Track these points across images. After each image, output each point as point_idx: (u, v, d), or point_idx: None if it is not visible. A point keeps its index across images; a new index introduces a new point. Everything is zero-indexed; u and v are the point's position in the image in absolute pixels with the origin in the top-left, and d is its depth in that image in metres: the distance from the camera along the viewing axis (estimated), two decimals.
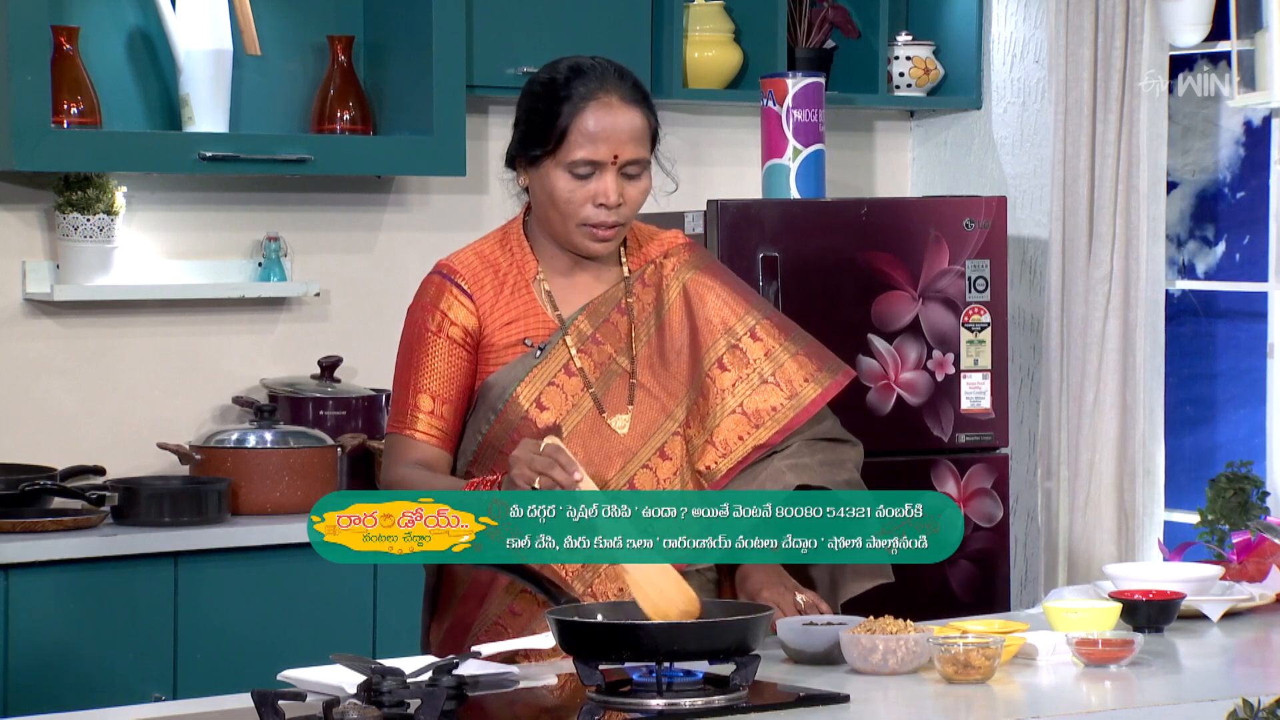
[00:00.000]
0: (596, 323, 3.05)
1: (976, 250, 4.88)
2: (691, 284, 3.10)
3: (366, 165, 4.70)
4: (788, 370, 3.07)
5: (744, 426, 3.05)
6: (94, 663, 4.11)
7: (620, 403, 3.03)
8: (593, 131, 2.96)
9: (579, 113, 2.96)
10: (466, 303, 3.03)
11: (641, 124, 3.00)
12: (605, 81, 2.98)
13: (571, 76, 2.99)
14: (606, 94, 2.97)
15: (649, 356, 3.05)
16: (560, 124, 2.97)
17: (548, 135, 2.98)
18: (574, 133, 2.96)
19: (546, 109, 2.98)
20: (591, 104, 2.96)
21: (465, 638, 3.06)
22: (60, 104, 4.35)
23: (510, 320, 3.03)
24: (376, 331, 4.90)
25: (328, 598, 4.34)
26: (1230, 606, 3.25)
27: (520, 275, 3.06)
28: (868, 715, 2.63)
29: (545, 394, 3.01)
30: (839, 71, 5.31)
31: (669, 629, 2.66)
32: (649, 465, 3.03)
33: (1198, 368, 5.13)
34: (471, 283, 3.04)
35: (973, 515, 4.89)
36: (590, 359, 3.03)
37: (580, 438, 3.01)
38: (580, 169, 2.98)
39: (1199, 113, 5.09)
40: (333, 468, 4.50)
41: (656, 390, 3.05)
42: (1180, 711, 2.69)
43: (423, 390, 3.01)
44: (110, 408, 4.59)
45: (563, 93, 2.98)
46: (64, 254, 4.47)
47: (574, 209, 2.99)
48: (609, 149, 2.97)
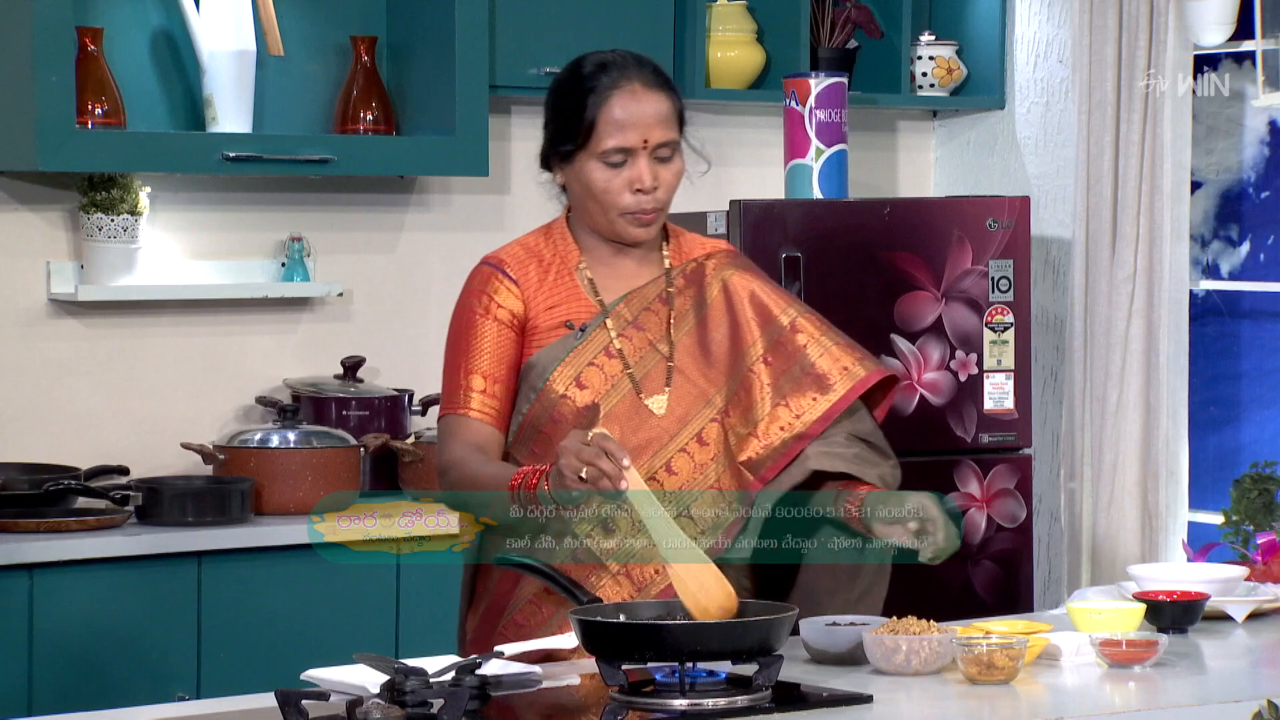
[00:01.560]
0: (637, 310, 3.09)
1: (1000, 250, 4.87)
2: (731, 282, 3.14)
3: (389, 165, 4.71)
4: (825, 361, 3.09)
5: (786, 417, 3.06)
6: (118, 662, 4.12)
7: (658, 385, 3.06)
8: (620, 119, 3.01)
9: (604, 103, 3.01)
10: (512, 288, 3.08)
11: (667, 106, 3.05)
12: (626, 70, 3.03)
13: (593, 70, 3.04)
14: (629, 81, 3.02)
15: (689, 345, 3.09)
16: (588, 116, 3.02)
17: (577, 129, 3.03)
18: (602, 123, 3.01)
19: (573, 104, 3.04)
20: (615, 93, 3.02)
21: (499, 619, 3.08)
22: (85, 105, 4.36)
23: (553, 304, 3.08)
24: (399, 332, 4.91)
25: (351, 597, 4.34)
26: (1255, 607, 3.24)
27: (564, 263, 3.11)
28: (891, 716, 2.62)
29: (585, 374, 3.05)
30: (862, 71, 5.31)
31: (692, 629, 2.66)
32: (686, 450, 3.05)
33: (1222, 368, 5.12)
34: (517, 270, 3.09)
35: (996, 516, 4.88)
36: (630, 343, 3.07)
37: (617, 418, 3.04)
38: (612, 157, 3.02)
39: (1223, 112, 5.07)
40: (355, 468, 4.50)
41: (695, 376, 3.08)
42: (1205, 713, 2.68)
43: (474, 371, 3.05)
44: (134, 407, 4.60)
45: (587, 85, 3.03)
46: (88, 254, 4.48)
47: (612, 198, 3.04)
48: (638, 134, 3.02)
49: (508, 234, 5.02)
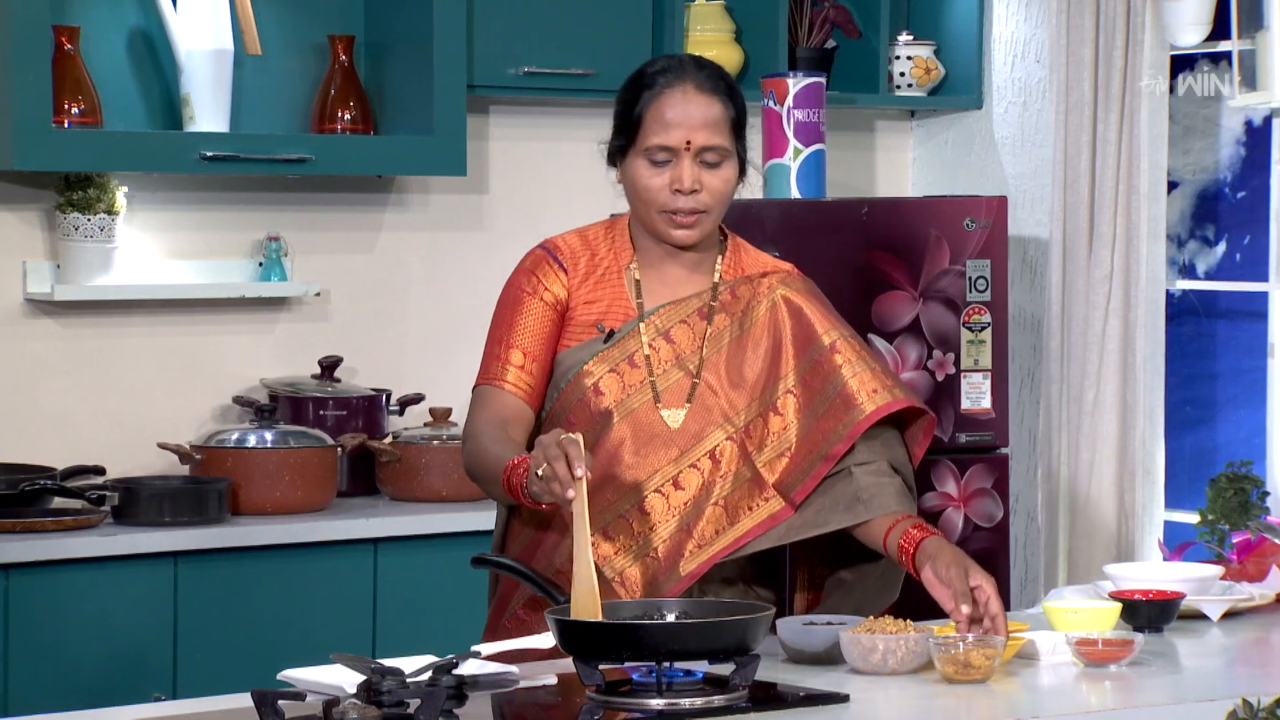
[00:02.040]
0: (673, 321, 3.09)
1: (977, 250, 4.88)
2: (783, 299, 3.12)
3: (367, 165, 4.70)
4: (855, 384, 3.06)
5: (815, 440, 3.05)
6: (94, 662, 4.11)
7: (679, 399, 3.06)
8: (666, 118, 3.02)
9: (654, 100, 3.03)
10: (560, 275, 3.09)
11: (718, 112, 3.05)
12: (682, 71, 3.05)
13: (654, 70, 3.07)
14: (681, 82, 3.03)
15: (719, 363, 3.08)
16: (637, 113, 3.04)
17: (627, 126, 3.05)
18: (648, 120, 3.03)
19: (628, 101, 3.07)
20: (666, 92, 3.03)
21: (505, 612, 3.10)
22: (61, 104, 4.35)
23: (591, 300, 3.09)
24: (377, 331, 4.90)
25: (327, 597, 4.34)
26: (1230, 606, 3.25)
27: (615, 261, 3.11)
28: (868, 715, 2.63)
29: (605, 379, 3.05)
30: (840, 71, 5.31)
31: (668, 629, 2.66)
32: (697, 466, 3.05)
33: (1198, 368, 5.13)
34: (569, 258, 3.11)
35: (973, 515, 4.89)
36: (658, 354, 3.07)
37: (632, 425, 3.04)
38: (657, 155, 3.03)
39: (1200, 112, 5.09)
40: (333, 468, 4.50)
41: (720, 394, 3.07)
42: (1180, 711, 2.69)
43: (514, 345, 3.07)
44: (110, 407, 4.59)
45: (645, 82, 3.06)
46: (65, 254, 4.47)
47: (653, 195, 3.04)
48: (681, 135, 3.02)
49: (486, 234, 5.03)
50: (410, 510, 4.51)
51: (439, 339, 4.96)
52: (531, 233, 5.08)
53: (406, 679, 2.54)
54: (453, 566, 4.35)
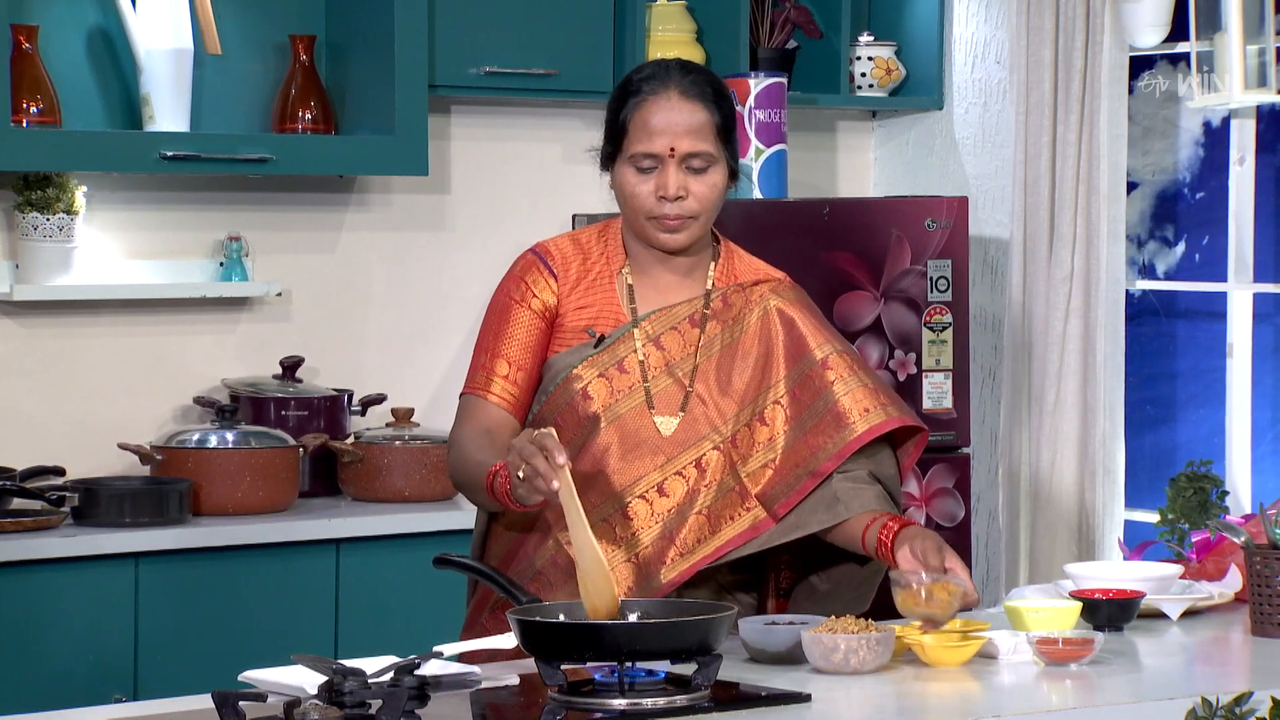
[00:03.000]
0: (664, 328, 3.09)
1: (938, 250, 4.89)
2: (775, 310, 3.13)
3: (328, 165, 4.69)
4: (848, 401, 3.06)
5: (802, 454, 3.06)
6: (54, 664, 4.09)
7: (672, 407, 3.07)
8: (650, 125, 3.03)
9: (638, 108, 3.04)
10: (550, 281, 3.10)
11: (702, 118, 3.05)
12: (667, 77, 3.05)
13: (640, 76, 3.07)
14: (666, 89, 3.04)
15: (710, 371, 3.09)
16: (622, 120, 3.05)
17: (614, 132, 3.07)
18: (632, 128, 3.04)
19: (615, 108, 3.07)
20: (650, 99, 3.04)
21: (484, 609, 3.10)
22: (19, 103, 4.33)
23: (583, 306, 3.09)
24: (339, 332, 4.89)
25: (289, 598, 4.33)
26: (1190, 605, 3.26)
27: (607, 266, 3.12)
28: (830, 715, 2.63)
29: (594, 384, 3.05)
30: (801, 72, 5.32)
31: (630, 629, 2.66)
32: (682, 473, 3.05)
33: (1158, 367, 5.16)
34: (559, 264, 3.11)
35: (934, 514, 4.90)
36: (650, 360, 3.07)
37: (619, 430, 3.04)
38: (642, 163, 3.04)
39: (1159, 113, 5.11)
40: (294, 468, 4.49)
41: (710, 403, 3.07)
42: (1140, 710, 2.70)
43: (500, 355, 3.08)
44: (70, 408, 4.57)
45: (630, 89, 3.07)
46: (23, 254, 4.45)
47: (640, 202, 3.05)
48: (665, 142, 3.03)
49: (448, 234, 5.02)
50: (372, 511, 4.50)
51: (401, 339, 4.95)
52: (493, 233, 5.11)
53: (368, 679, 2.53)
54: (415, 567, 4.35)
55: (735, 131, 3.10)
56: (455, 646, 2.85)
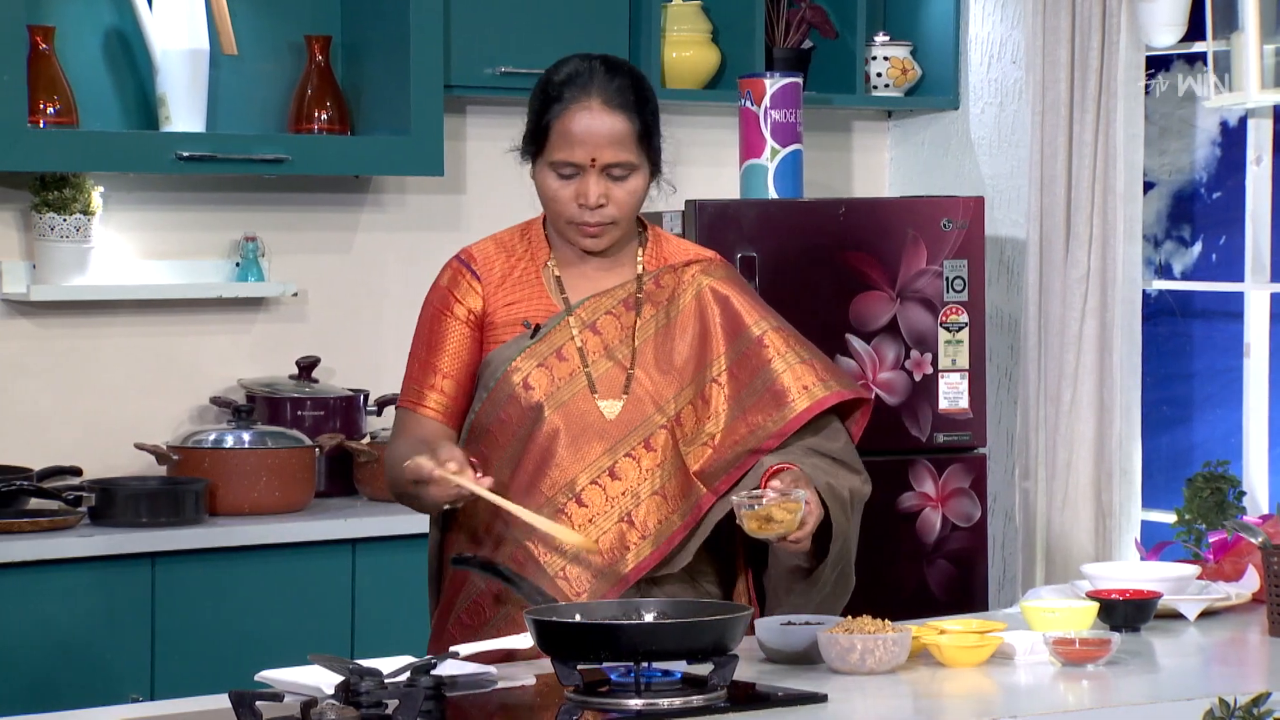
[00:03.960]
0: (599, 313, 3.10)
1: (954, 250, 4.88)
2: (709, 289, 3.14)
3: (344, 165, 4.70)
4: (788, 378, 3.08)
5: (742, 430, 3.06)
6: (71, 664, 4.10)
7: (614, 390, 3.07)
8: (571, 134, 3.02)
9: (560, 115, 3.03)
10: (474, 284, 3.12)
11: (623, 128, 3.04)
12: (590, 85, 3.03)
13: (562, 79, 3.05)
14: (588, 98, 3.02)
15: (649, 352, 3.09)
16: (544, 124, 3.04)
17: (536, 135, 3.06)
18: (554, 134, 3.03)
19: (539, 109, 3.06)
20: (572, 107, 3.02)
21: (448, 618, 3.12)
22: (36, 103, 4.34)
23: (512, 301, 3.10)
24: (354, 331, 4.90)
25: (305, 598, 4.33)
26: (1207, 606, 3.26)
27: (532, 261, 3.13)
28: (846, 715, 2.63)
29: (534, 374, 3.06)
30: (816, 72, 5.32)
31: (647, 629, 2.66)
32: (632, 454, 3.05)
33: (1174, 367, 5.15)
34: (482, 266, 3.13)
35: (951, 515, 4.89)
36: (588, 345, 3.08)
37: (564, 416, 3.04)
38: (563, 169, 3.04)
39: (1175, 113, 5.10)
40: (310, 468, 4.49)
41: (651, 384, 3.08)
42: (1157, 711, 2.70)
43: (430, 367, 3.11)
44: (87, 408, 4.58)
45: (552, 93, 3.05)
46: (40, 254, 4.46)
47: (560, 207, 3.07)
48: (585, 152, 3.02)
49: (463, 234, 5.02)
50: (388, 511, 4.50)
51: None
52: None
53: (385, 679, 2.54)
54: None
55: (658, 132, 3.09)
56: (472, 646, 2.85)
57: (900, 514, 4.85)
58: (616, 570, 3.02)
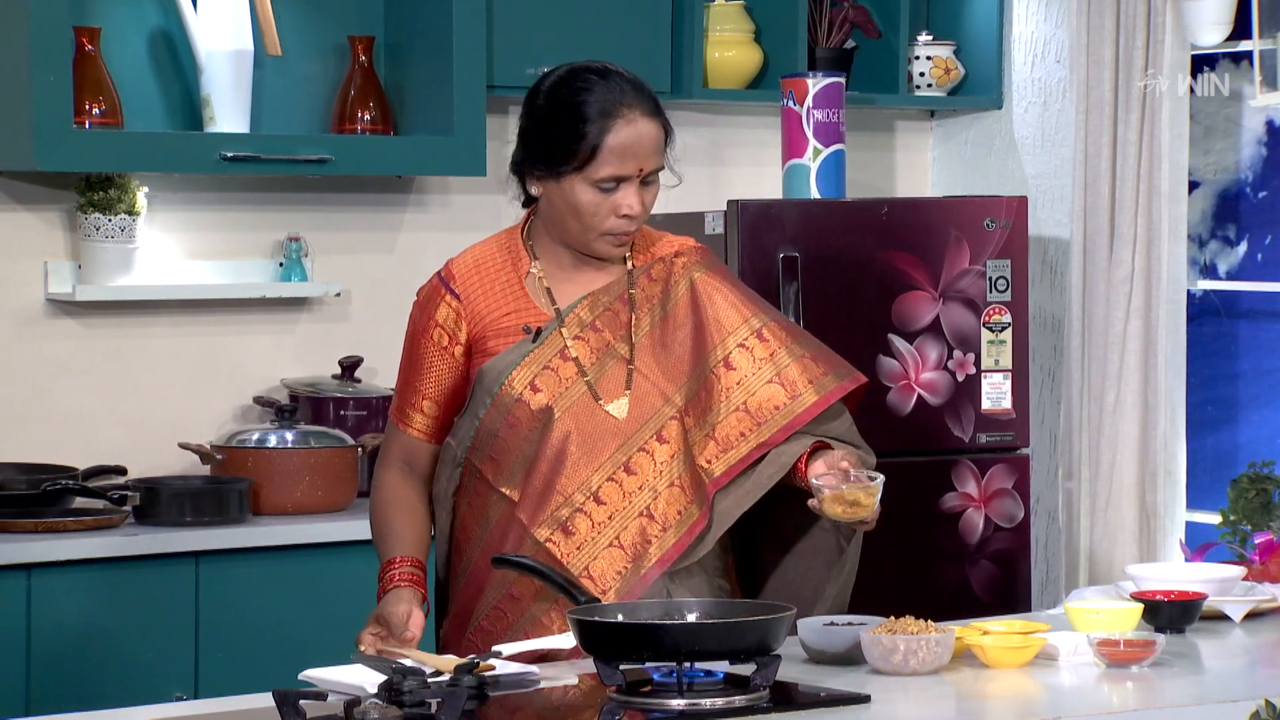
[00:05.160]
0: (597, 311, 3.10)
1: (997, 250, 4.87)
2: (700, 282, 3.13)
3: (387, 165, 4.71)
4: (792, 371, 3.08)
5: (746, 424, 3.06)
6: (116, 662, 4.11)
7: (617, 388, 3.07)
8: (623, 149, 3.01)
9: (607, 132, 3.01)
10: (453, 303, 3.13)
11: (660, 135, 3.06)
12: (625, 97, 3.02)
13: (595, 93, 3.02)
14: (630, 110, 3.02)
15: (650, 345, 3.10)
16: (589, 142, 3.01)
17: (573, 152, 3.02)
18: (604, 152, 3.01)
19: (571, 128, 3.02)
20: (618, 122, 3.01)
21: (467, 624, 3.11)
22: (82, 104, 4.36)
23: (509, 311, 3.10)
24: (397, 332, 4.88)
25: (349, 597, 4.34)
26: (1252, 607, 3.24)
27: (513, 272, 3.12)
28: (889, 716, 2.62)
29: (540, 377, 3.06)
30: (859, 71, 5.31)
31: (690, 629, 2.66)
32: (646, 448, 3.05)
33: (1219, 368, 5.12)
34: (461, 283, 3.14)
35: (993, 515, 4.88)
36: (587, 345, 3.08)
37: (574, 418, 3.05)
38: (606, 184, 3.03)
39: (1220, 112, 5.08)
40: (353, 468, 4.50)
41: (655, 376, 3.08)
42: (1202, 712, 2.68)
43: (413, 388, 3.17)
44: (131, 408, 4.60)
45: (588, 110, 3.02)
46: (86, 254, 4.48)
47: (598, 220, 3.05)
48: (635, 164, 3.03)
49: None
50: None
51: None
52: None
53: (427, 679, 2.54)
54: None
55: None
56: (514, 646, 2.86)
57: (943, 514, 4.83)
58: (640, 565, 3.02)
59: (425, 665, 2.70)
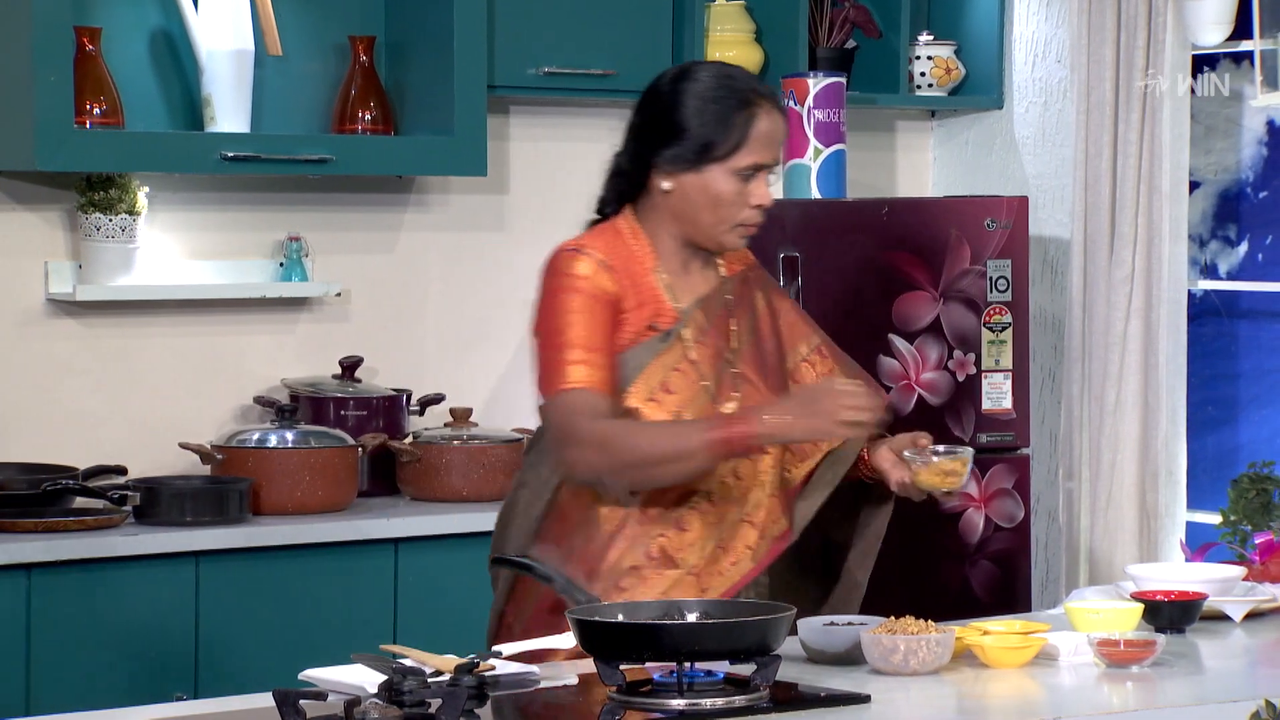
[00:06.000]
0: (711, 316, 3.15)
1: (998, 250, 4.87)
2: (772, 296, 3.26)
3: (388, 165, 4.71)
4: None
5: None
6: (116, 662, 4.11)
7: (728, 390, 3.13)
8: (771, 136, 3.11)
9: (754, 120, 3.09)
10: (608, 273, 3.09)
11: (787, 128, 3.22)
12: (762, 88, 3.13)
13: (747, 83, 3.11)
14: (767, 100, 3.12)
15: (749, 353, 3.16)
16: (738, 132, 3.07)
17: (719, 142, 3.07)
18: (753, 139, 3.08)
19: (729, 116, 3.08)
20: (760, 112, 3.10)
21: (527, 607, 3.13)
22: (83, 104, 4.36)
23: (641, 304, 3.11)
24: (398, 332, 4.91)
25: (348, 597, 4.34)
26: (1253, 607, 3.24)
27: (641, 264, 3.13)
28: (889, 716, 2.62)
29: (671, 378, 3.09)
30: (860, 71, 5.31)
31: (690, 629, 2.66)
32: (753, 455, 3.10)
33: (1220, 368, 5.12)
34: (610, 258, 3.10)
35: (994, 515, 4.88)
36: (705, 349, 3.12)
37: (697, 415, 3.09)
38: (747, 172, 3.09)
39: (1221, 112, 5.07)
40: (354, 468, 4.50)
41: (757, 382, 3.15)
42: (1202, 712, 2.68)
43: (576, 345, 3.04)
44: (132, 407, 4.60)
45: (747, 99, 3.09)
46: (86, 254, 4.48)
47: (735, 210, 3.11)
48: (773, 153, 3.13)
49: (507, 234, 5.03)
50: (431, 510, 4.51)
51: (459, 339, 4.96)
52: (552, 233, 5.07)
53: (428, 679, 2.54)
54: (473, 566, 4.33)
55: None
56: (513, 646, 2.85)
57: (943, 514, 4.83)
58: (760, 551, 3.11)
59: (425, 665, 2.70)
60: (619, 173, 3.16)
